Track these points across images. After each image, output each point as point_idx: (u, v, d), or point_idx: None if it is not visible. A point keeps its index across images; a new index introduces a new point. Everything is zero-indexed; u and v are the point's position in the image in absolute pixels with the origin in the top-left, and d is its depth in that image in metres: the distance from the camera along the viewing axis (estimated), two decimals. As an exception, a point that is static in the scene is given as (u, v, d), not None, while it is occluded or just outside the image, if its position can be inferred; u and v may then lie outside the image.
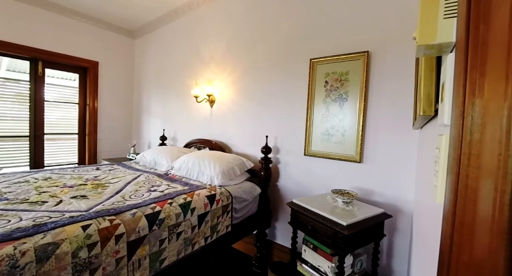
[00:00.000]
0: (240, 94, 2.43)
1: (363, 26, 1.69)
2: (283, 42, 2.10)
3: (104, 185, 1.66)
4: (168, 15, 3.18)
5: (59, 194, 1.45)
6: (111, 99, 3.66)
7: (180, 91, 3.07)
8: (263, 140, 2.13)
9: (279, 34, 2.14)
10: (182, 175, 2.00)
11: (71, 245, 0.98)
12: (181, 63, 3.09)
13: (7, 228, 1.00)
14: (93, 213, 1.18)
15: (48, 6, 3.00)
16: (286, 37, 2.09)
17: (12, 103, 2.99)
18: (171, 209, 1.35)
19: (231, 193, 1.72)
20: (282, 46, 2.11)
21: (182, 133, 3.06)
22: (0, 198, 1.33)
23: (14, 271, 0.84)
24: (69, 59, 3.25)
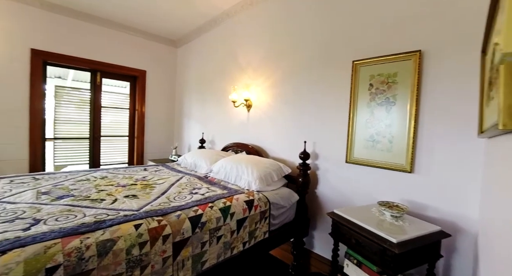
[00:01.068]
0: (277, 99, 2.42)
1: (414, 23, 1.54)
2: (322, 46, 2.04)
3: (152, 186, 1.79)
4: (207, 23, 3.33)
5: (114, 193, 1.60)
6: (156, 104, 3.96)
7: (218, 96, 3.18)
8: (300, 145, 2.08)
9: (318, 38, 2.08)
10: (221, 178, 2.06)
11: (125, 242, 1.06)
12: (219, 69, 3.20)
13: (74, 222, 1.13)
14: (143, 213, 1.27)
15: (105, 23, 3.38)
16: (325, 40, 2.02)
17: (75, 109, 3.41)
18: (212, 213, 1.39)
19: (269, 199, 1.71)
20: (321, 49, 2.05)
21: (220, 136, 3.15)
22: (68, 194, 1.52)
23: (80, 262, 0.95)
24: (122, 69, 3.60)
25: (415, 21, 1.54)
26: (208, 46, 3.45)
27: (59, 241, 0.97)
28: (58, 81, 4.97)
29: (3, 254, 0.87)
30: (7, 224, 1.09)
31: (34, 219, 1.15)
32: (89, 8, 3.09)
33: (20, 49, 2.86)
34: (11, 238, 0.97)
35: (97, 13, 3.20)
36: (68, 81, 5.06)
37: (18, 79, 2.85)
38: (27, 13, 2.87)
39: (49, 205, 1.32)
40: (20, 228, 1.05)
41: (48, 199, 1.42)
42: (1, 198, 1.42)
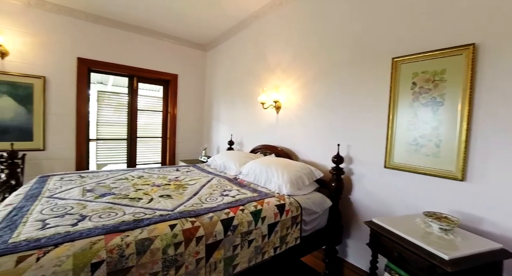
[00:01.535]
0: (308, 100, 2.35)
1: (466, 12, 1.38)
2: (357, 43, 1.93)
3: (184, 186, 1.84)
4: (236, 26, 3.36)
5: (150, 192, 1.67)
6: (187, 106, 4.11)
7: (247, 98, 3.19)
8: (333, 148, 1.99)
9: (351, 35, 1.97)
10: (250, 180, 2.05)
11: (161, 242, 1.09)
12: (247, 71, 3.21)
13: (115, 220, 1.19)
14: (178, 213, 1.30)
15: (141, 30, 3.59)
16: (360, 36, 1.91)
17: (114, 112, 3.67)
18: (243, 216, 1.37)
19: (300, 204, 1.65)
20: (355, 47, 1.94)
21: (248, 138, 3.16)
22: (109, 193, 1.62)
23: (121, 259, 0.99)
24: (156, 74, 3.80)
25: (467, 10, 1.38)
26: (236, 49, 3.49)
27: (103, 237, 1.02)
28: (100, 86, 5.42)
29: (56, 247, 0.94)
30: (58, 219, 1.18)
31: (80, 215, 1.24)
32: (126, 18, 3.31)
33: (69, 58, 3.15)
34: (62, 233, 1.04)
35: (133, 21, 3.41)
36: (108, 86, 5.49)
37: (67, 86, 3.14)
38: (75, 26, 3.16)
39: (93, 202, 1.42)
40: (69, 223, 1.13)
41: (93, 197, 1.52)
42: (53, 194, 1.56)
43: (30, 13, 2.90)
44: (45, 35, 3.00)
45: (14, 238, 0.99)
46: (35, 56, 2.95)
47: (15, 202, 1.42)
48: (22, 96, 2.88)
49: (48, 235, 1.01)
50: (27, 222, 1.13)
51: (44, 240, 0.98)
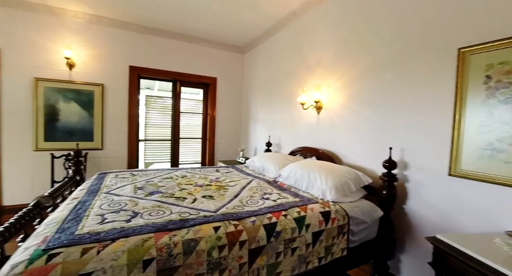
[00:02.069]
0: (353, 99, 2.19)
1: None
2: (412, 35, 1.72)
3: (225, 188, 1.85)
4: (273, 26, 3.32)
5: (193, 192, 1.72)
6: (225, 108, 4.22)
7: (285, 99, 3.13)
8: (383, 152, 1.81)
9: (403, 27, 1.77)
10: (291, 184, 1.98)
11: (206, 244, 1.09)
12: (286, 71, 3.14)
13: (164, 218, 1.23)
14: (221, 215, 1.30)
15: (182, 37, 3.79)
16: (413, 28, 1.70)
17: (159, 114, 3.92)
18: (286, 222, 1.31)
19: (347, 212, 1.53)
20: (408, 40, 1.73)
21: (287, 140, 3.09)
22: (157, 191, 1.70)
23: (169, 258, 1.01)
24: (197, 78, 3.97)
25: None
26: (274, 49, 3.45)
27: (153, 235, 1.06)
28: (148, 91, 5.89)
29: (113, 242, 1.00)
30: (114, 214, 1.28)
31: (133, 212, 1.31)
32: (169, 26, 3.51)
33: (122, 66, 3.47)
34: (118, 228, 1.11)
35: (175, 29, 3.61)
36: (154, 91, 5.94)
37: (121, 92, 3.46)
38: (127, 37, 3.47)
39: (143, 200, 1.50)
40: (124, 219, 1.21)
41: (143, 194, 1.62)
42: (110, 190, 1.70)
43: (91, 29, 3.27)
44: (103, 47, 3.35)
45: (79, 230, 1.09)
46: (95, 66, 3.32)
47: (80, 196, 1.58)
48: (85, 102, 3.26)
49: (106, 230, 1.09)
50: (89, 216, 1.24)
51: (103, 234, 1.05)
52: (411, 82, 1.72)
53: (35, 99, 3.00)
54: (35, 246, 0.97)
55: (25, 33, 2.95)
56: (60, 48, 3.09)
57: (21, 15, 2.91)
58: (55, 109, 3.12)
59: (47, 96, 3.07)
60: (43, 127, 3.06)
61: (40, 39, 3.02)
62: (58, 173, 3.07)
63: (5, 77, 2.88)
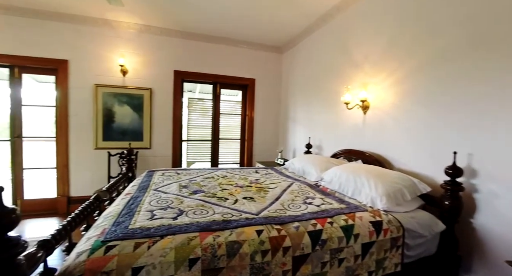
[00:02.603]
0: (406, 97, 1.97)
1: None
2: (484, 20, 1.46)
3: (265, 190, 1.82)
4: (314, 23, 3.20)
5: (234, 193, 1.72)
6: (263, 109, 4.21)
7: (327, 98, 2.98)
8: (444, 156, 1.58)
9: (473, 12, 1.51)
10: (334, 189, 1.86)
11: (249, 247, 1.07)
12: (328, 69, 2.99)
13: (207, 218, 1.25)
14: (263, 219, 1.27)
15: (222, 40, 3.88)
16: (489, 10, 1.44)
17: (200, 116, 4.08)
18: (332, 230, 1.22)
19: (402, 223, 1.37)
20: (480, 26, 1.47)
21: (328, 141, 2.94)
22: (200, 190, 1.75)
23: (213, 259, 1.01)
24: (236, 80, 4.04)
25: None
26: (314, 47, 3.32)
27: (198, 234, 1.08)
28: (190, 94, 6.20)
29: (161, 239, 1.04)
30: (162, 211, 1.34)
31: (179, 209, 1.36)
32: (209, 30, 3.62)
33: (168, 71, 3.70)
34: (165, 225, 1.16)
35: (215, 33, 3.71)
36: (196, 93, 6.23)
37: (166, 95, 3.70)
38: (171, 43, 3.69)
39: (188, 198, 1.56)
40: (171, 217, 1.26)
41: (187, 193, 1.68)
42: (158, 187, 1.81)
43: (141, 38, 3.56)
44: (151, 54, 3.62)
45: (132, 224, 1.16)
46: (144, 72, 3.60)
47: (132, 192, 1.71)
48: (136, 105, 3.56)
49: (155, 226, 1.14)
50: (140, 212, 1.32)
51: (152, 230, 1.10)
52: (485, 75, 1.46)
53: (95, 103, 3.38)
54: (95, 237, 1.05)
55: (88, 45, 3.33)
56: (115, 57, 3.43)
57: (84, 30, 3.30)
58: (111, 112, 3.47)
59: (105, 100, 3.43)
60: (102, 128, 3.43)
61: (99, 50, 3.39)
62: (113, 169, 3.40)
63: (72, 85, 3.30)
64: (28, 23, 3.10)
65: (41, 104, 3.57)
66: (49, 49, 3.19)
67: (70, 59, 3.27)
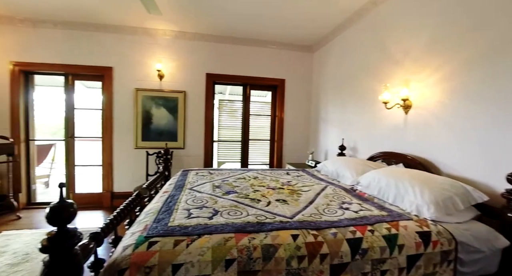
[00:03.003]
0: (454, 95, 1.78)
1: None
2: None
3: (298, 192, 1.78)
4: (348, 20, 3.06)
5: (267, 194, 1.71)
6: (293, 110, 4.14)
7: (362, 98, 2.83)
8: (505, 161, 1.39)
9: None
10: (373, 194, 1.74)
11: (285, 252, 1.04)
12: (364, 67, 2.84)
13: (241, 219, 1.25)
14: (298, 223, 1.23)
15: (252, 42, 3.90)
16: None
17: (230, 117, 4.16)
18: (373, 239, 1.14)
19: (454, 236, 1.23)
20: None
21: (364, 143, 2.78)
22: (233, 190, 1.77)
23: (249, 261, 1.01)
24: (266, 81, 4.03)
25: None
26: (348, 45, 3.18)
27: (233, 236, 1.08)
28: (220, 95, 6.37)
29: (199, 237, 1.06)
30: (198, 210, 1.37)
31: (214, 209, 1.39)
32: (239, 33, 3.66)
33: (200, 74, 3.83)
34: (202, 224, 1.19)
35: (245, 35, 3.74)
36: (226, 95, 6.38)
37: (199, 97, 3.83)
38: (203, 47, 3.81)
39: (221, 199, 1.58)
40: (207, 216, 1.29)
41: (220, 193, 1.71)
42: (193, 186, 1.87)
43: (176, 43, 3.74)
44: (185, 58, 3.78)
45: (171, 222, 1.21)
46: (178, 76, 3.77)
47: (169, 190, 1.79)
48: (171, 107, 3.75)
49: (192, 225, 1.17)
50: (178, 210, 1.38)
51: (190, 228, 1.14)
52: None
53: (135, 106, 3.63)
54: (139, 233, 1.12)
55: (129, 53, 3.60)
56: (153, 63, 3.65)
57: (126, 38, 3.57)
58: (149, 114, 3.70)
59: (144, 103, 3.67)
60: (141, 129, 3.68)
61: (139, 56, 3.64)
62: (151, 168, 3.62)
63: (116, 90, 3.59)
64: (79, 35, 3.45)
65: (89, 108, 3.95)
66: (97, 58, 3.51)
67: (114, 66, 3.56)
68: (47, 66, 3.41)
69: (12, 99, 3.33)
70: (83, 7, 2.99)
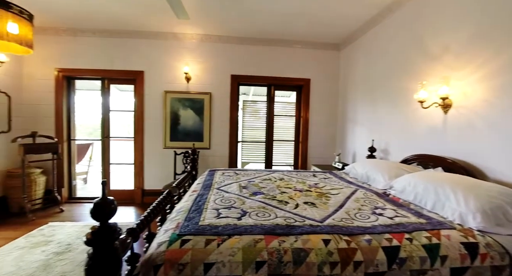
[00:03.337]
0: (504, 93, 1.60)
1: None
2: None
3: (326, 195, 1.73)
4: (378, 14, 2.91)
5: (294, 196, 1.68)
6: (319, 110, 4.05)
7: (395, 97, 2.67)
8: None
9: None
10: (408, 199, 1.64)
11: (317, 257, 1.01)
12: (396, 64, 2.68)
13: (270, 221, 1.24)
14: (329, 227, 1.19)
15: (276, 42, 3.89)
16: None
17: (254, 118, 4.17)
18: (412, 248, 1.07)
19: (507, 249, 1.11)
20: None
21: (396, 145, 2.63)
22: (260, 192, 1.77)
23: (280, 264, 0.99)
24: (290, 81, 3.99)
25: None
26: (378, 41, 3.03)
27: (263, 237, 1.08)
28: (243, 96, 6.43)
29: (229, 238, 1.07)
30: (227, 210, 1.39)
31: (242, 210, 1.40)
32: (264, 33, 3.67)
33: (225, 76, 3.90)
34: (231, 224, 1.20)
35: (269, 35, 3.74)
36: (249, 96, 6.43)
37: (224, 99, 3.90)
38: (228, 49, 3.88)
39: (249, 199, 1.58)
40: (235, 217, 1.30)
41: (247, 194, 1.72)
42: (220, 186, 1.90)
43: (202, 46, 3.85)
44: (210, 61, 3.87)
45: (201, 221, 1.23)
46: (204, 78, 3.87)
47: (198, 190, 1.83)
48: (197, 108, 3.86)
49: (222, 225, 1.19)
50: (207, 209, 1.40)
51: (220, 228, 1.15)
52: None
53: (164, 108, 3.79)
54: (172, 230, 1.16)
55: (159, 57, 3.78)
56: (181, 65, 3.78)
57: (156, 43, 3.75)
58: (177, 115, 3.84)
59: (172, 105, 3.83)
60: (169, 129, 3.83)
61: (168, 60, 3.80)
62: (178, 167, 3.76)
63: (147, 92, 3.79)
64: (115, 42, 3.70)
65: (123, 110, 4.21)
66: (130, 63, 3.73)
67: (145, 70, 3.76)
68: (86, 71, 3.70)
69: (56, 102, 3.66)
70: (118, 16, 3.19)
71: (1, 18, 1.75)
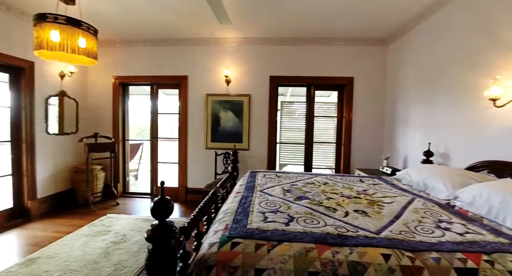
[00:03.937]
0: None
1: None
2: None
3: (378, 204, 1.59)
4: (436, 2, 2.60)
5: (342, 203, 1.59)
6: (363, 110, 3.79)
7: (457, 94, 2.36)
8: None
9: None
10: (479, 213, 1.42)
11: (376, 273, 0.93)
12: (458, 56, 2.37)
13: (320, 229, 1.18)
14: (387, 240, 1.09)
15: (315, 41, 3.75)
16: None
17: (292, 119, 4.09)
18: (495, 273, 0.91)
19: None
20: None
21: (460, 149, 2.31)
22: (304, 196, 1.72)
23: (334, 277, 0.93)
24: (331, 80, 3.82)
25: None
26: (434, 32, 2.71)
27: (314, 247, 1.03)
28: (281, 97, 6.37)
29: (279, 244, 1.05)
30: (273, 215, 1.37)
31: (289, 215, 1.36)
32: (302, 32, 3.56)
33: (264, 78, 3.90)
34: (279, 229, 1.17)
35: (308, 34, 3.62)
36: (287, 97, 6.35)
37: (263, 100, 3.91)
38: (266, 50, 3.87)
39: (294, 204, 1.54)
40: (283, 222, 1.27)
41: (292, 198, 1.67)
42: (263, 189, 1.89)
43: (241, 49, 3.91)
44: (249, 63, 3.91)
45: (249, 224, 1.23)
46: (243, 80, 3.93)
47: (241, 191, 1.85)
48: (237, 110, 3.94)
49: (270, 229, 1.17)
50: (253, 212, 1.40)
51: (268, 233, 1.13)
52: None
53: (206, 110, 3.96)
54: (221, 231, 1.18)
55: (201, 62, 3.95)
56: (222, 69, 3.90)
57: (199, 49, 3.93)
58: (217, 117, 3.97)
59: (213, 107, 3.97)
60: (211, 131, 3.98)
61: (210, 64, 3.95)
62: (218, 167, 3.88)
63: (190, 95, 3.99)
64: (161, 50, 3.98)
65: (168, 112, 4.51)
66: (175, 68, 3.98)
67: (189, 74, 3.97)
68: (138, 78, 4.05)
69: (114, 106, 4.08)
70: (165, 25, 3.42)
71: (73, 35, 2.00)
